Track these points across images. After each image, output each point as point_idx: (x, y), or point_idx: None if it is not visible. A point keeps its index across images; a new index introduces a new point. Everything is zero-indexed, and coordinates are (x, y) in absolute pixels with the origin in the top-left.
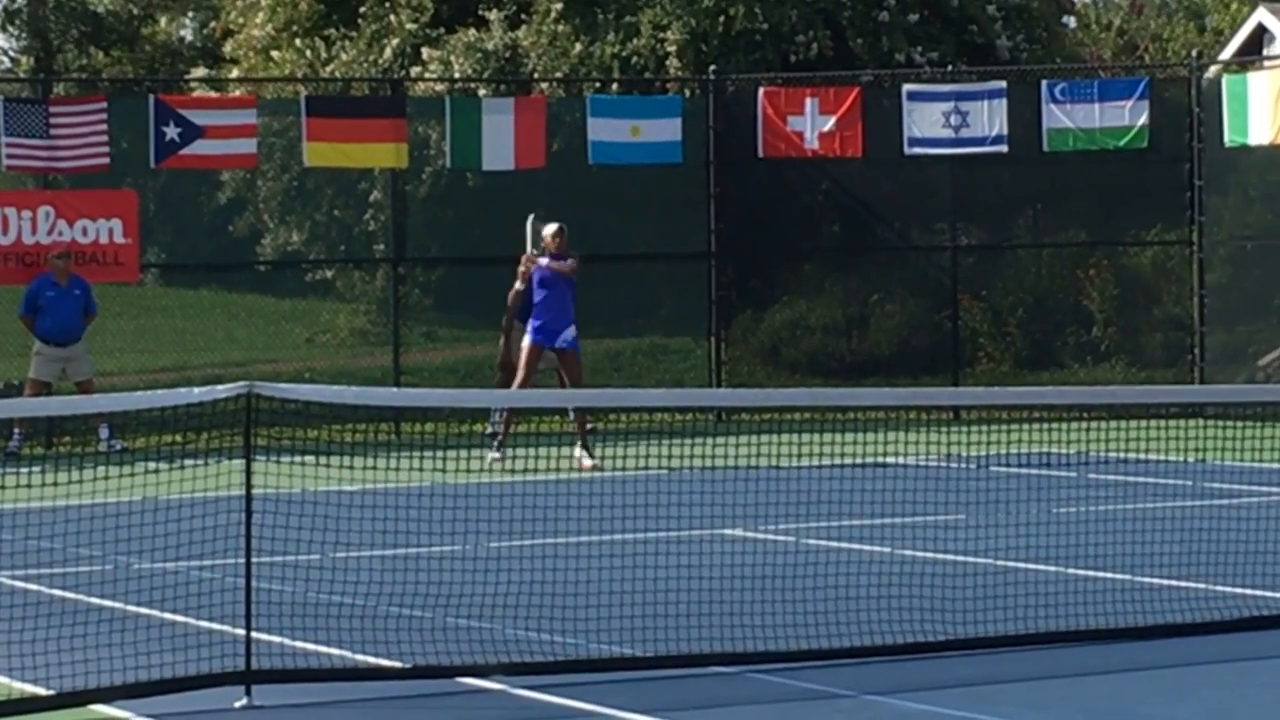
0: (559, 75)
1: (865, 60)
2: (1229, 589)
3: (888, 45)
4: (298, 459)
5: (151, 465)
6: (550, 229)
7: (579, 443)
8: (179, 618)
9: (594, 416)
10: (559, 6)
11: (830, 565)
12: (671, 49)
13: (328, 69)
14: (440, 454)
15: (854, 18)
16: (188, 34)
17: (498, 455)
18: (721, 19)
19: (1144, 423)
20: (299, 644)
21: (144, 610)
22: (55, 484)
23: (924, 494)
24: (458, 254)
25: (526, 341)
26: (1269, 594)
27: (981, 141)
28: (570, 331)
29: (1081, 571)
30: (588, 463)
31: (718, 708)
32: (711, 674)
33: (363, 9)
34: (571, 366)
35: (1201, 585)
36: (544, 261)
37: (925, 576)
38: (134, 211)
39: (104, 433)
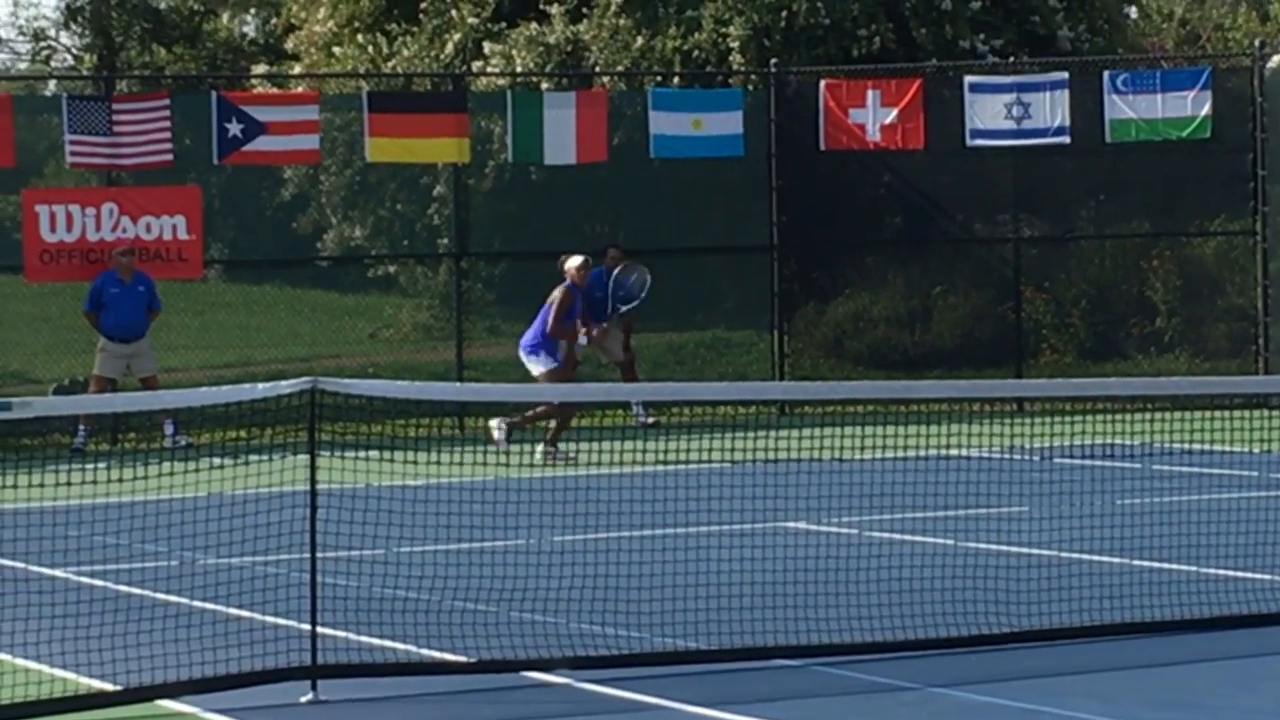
0: (620, 69)
1: (929, 51)
2: None
3: (950, 35)
4: (362, 454)
5: (216, 461)
6: (575, 261)
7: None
8: (245, 613)
9: (658, 410)
10: (620, 1)
11: (894, 558)
12: (734, 44)
13: (389, 64)
14: (503, 448)
15: (917, 7)
16: (250, 30)
17: (553, 450)
18: (784, 14)
19: (1208, 414)
20: (364, 639)
21: (210, 605)
22: (121, 480)
23: (987, 486)
24: (520, 248)
25: (539, 370)
26: None
27: (1044, 133)
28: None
29: (1146, 563)
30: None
31: (782, 700)
32: (776, 667)
33: (424, 4)
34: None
35: (1267, 576)
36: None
37: (989, 569)
38: (197, 208)
39: (169, 428)
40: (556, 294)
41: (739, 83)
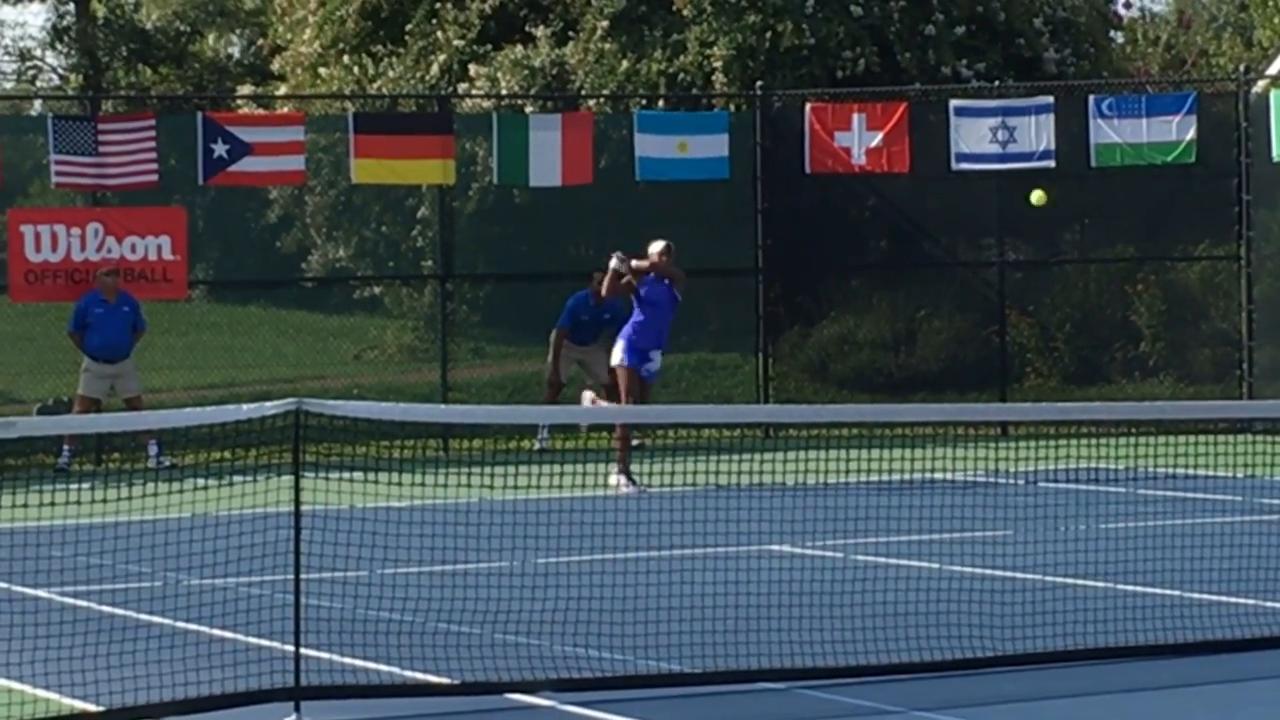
0: (606, 92)
1: (913, 74)
2: (1279, 605)
3: (935, 59)
4: (346, 475)
5: (200, 481)
6: (658, 246)
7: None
8: (228, 634)
9: (641, 433)
10: (605, 24)
11: (878, 581)
12: (718, 65)
13: (375, 86)
14: (488, 470)
15: (901, 31)
16: (235, 51)
17: (627, 484)
18: (768, 35)
19: (1193, 438)
20: (348, 660)
21: (193, 626)
22: (104, 500)
23: (972, 510)
24: (505, 270)
25: (619, 359)
26: None
27: (1029, 157)
28: (657, 363)
29: (1130, 587)
30: (624, 487)
31: None
32: (760, 690)
33: (410, 26)
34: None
35: (1251, 601)
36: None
37: (973, 592)
38: (182, 228)
39: (153, 449)
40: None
41: (723, 105)
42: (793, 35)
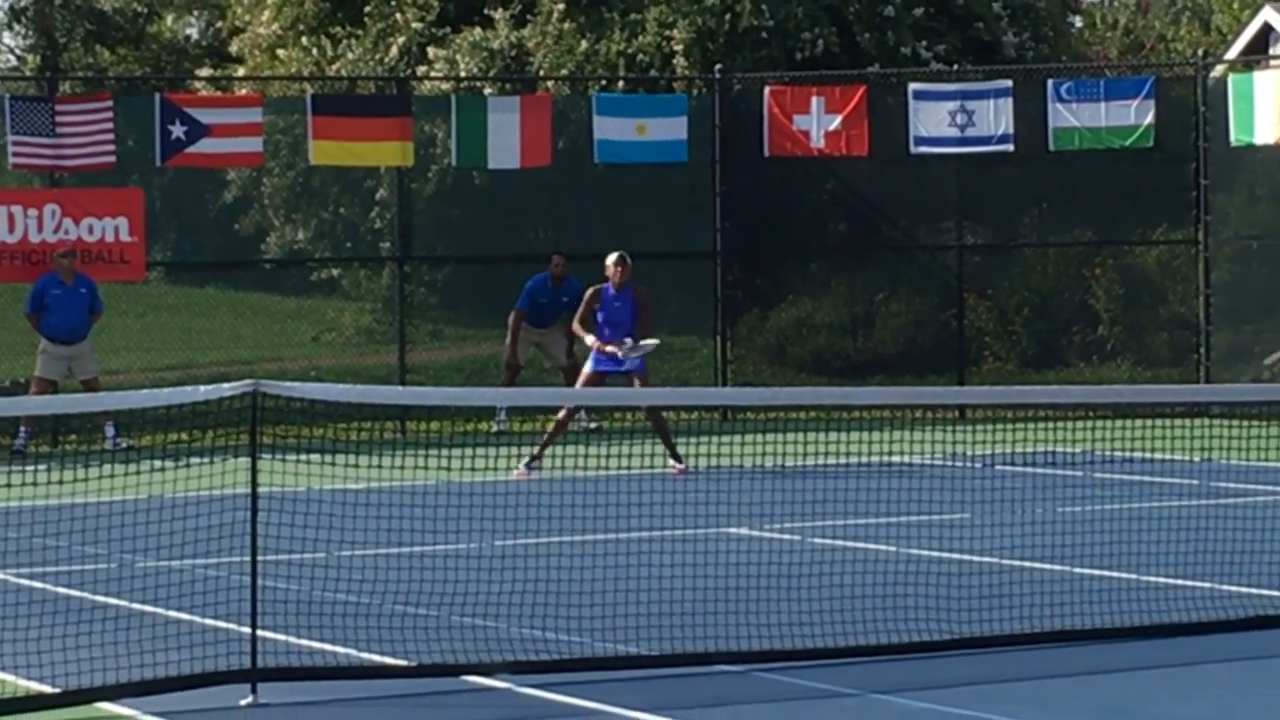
0: (564, 73)
1: (872, 56)
2: (1235, 588)
3: (894, 40)
4: (303, 457)
5: (157, 463)
6: (611, 259)
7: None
8: (185, 616)
9: (599, 415)
10: (563, 5)
11: (836, 564)
12: (678, 47)
13: (333, 67)
14: (446, 452)
15: (860, 12)
16: (194, 32)
17: (523, 473)
18: (728, 16)
19: (1150, 422)
20: (305, 642)
21: (150, 608)
22: (61, 482)
23: (929, 493)
24: (463, 252)
25: (588, 367)
26: (1275, 593)
27: (987, 140)
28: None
29: (1087, 570)
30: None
31: (724, 706)
32: (717, 672)
33: (368, 8)
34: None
35: (1208, 584)
36: (590, 340)
37: (931, 575)
38: (140, 210)
39: (109, 431)
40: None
41: (683, 87)
42: (751, 16)
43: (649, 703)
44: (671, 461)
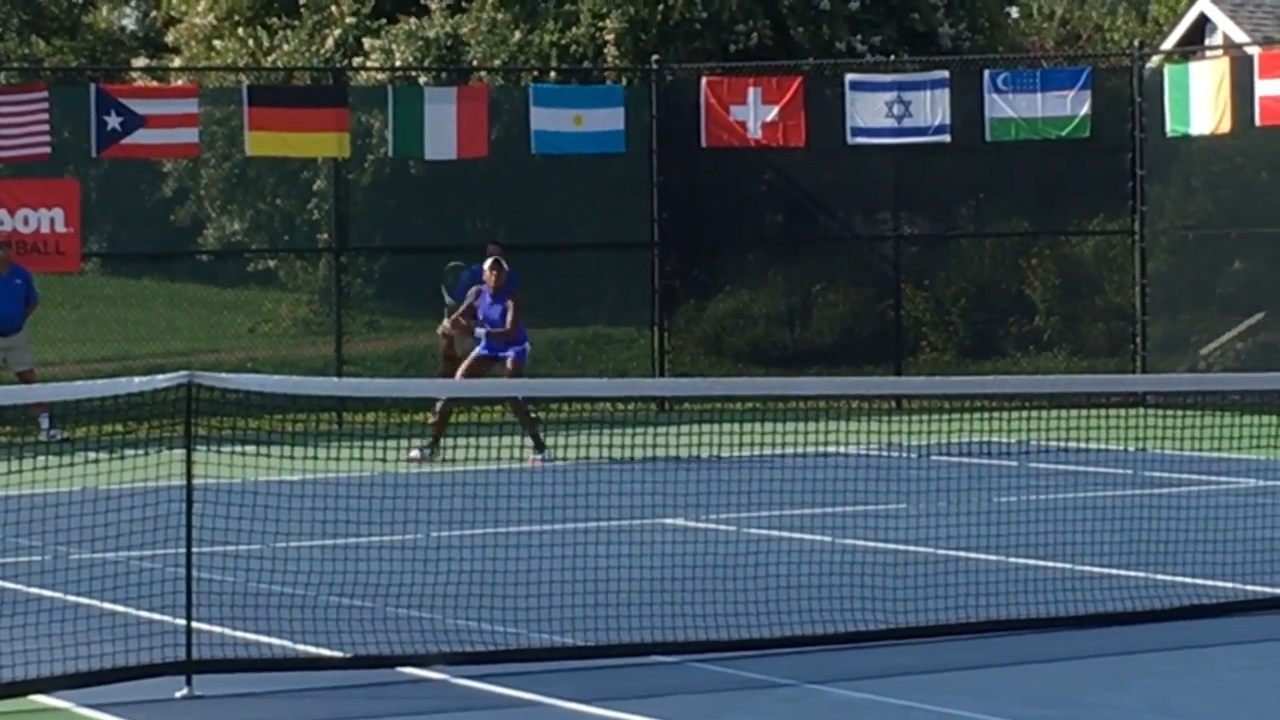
0: (498, 64)
1: (806, 49)
2: (1169, 577)
3: (829, 34)
4: (239, 449)
5: (92, 455)
6: (486, 264)
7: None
8: (119, 608)
9: (537, 406)
10: None
11: (771, 555)
12: (609, 37)
13: (270, 59)
14: (382, 444)
15: (795, 5)
16: (129, 23)
17: (417, 456)
18: (660, 7)
19: (1086, 412)
20: (240, 634)
21: (84, 600)
22: None
23: (865, 483)
24: (400, 243)
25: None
26: (1208, 582)
27: (924, 131)
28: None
29: (1022, 560)
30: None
31: (659, 697)
32: (653, 663)
33: None
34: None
35: (1141, 574)
36: (480, 333)
37: (866, 566)
38: (75, 201)
39: (44, 422)
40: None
41: (616, 78)
42: (684, 8)
43: (585, 694)
44: (532, 454)
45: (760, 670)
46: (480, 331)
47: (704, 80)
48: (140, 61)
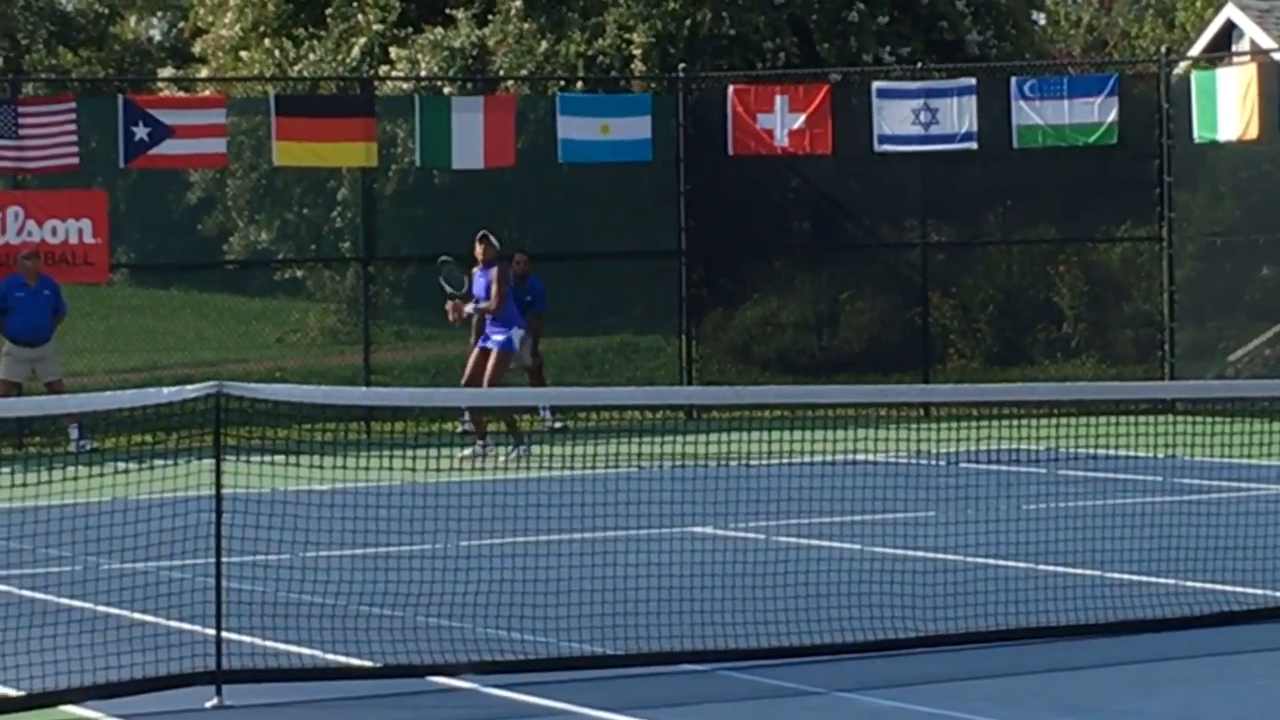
0: (524, 73)
1: (833, 64)
2: (1199, 584)
3: (856, 47)
4: (268, 459)
5: (121, 465)
6: (477, 239)
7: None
8: (149, 618)
9: (565, 414)
10: (519, 4)
11: (800, 562)
12: (636, 51)
13: (296, 68)
14: (410, 453)
15: (822, 20)
16: (156, 34)
17: (469, 454)
18: (688, 22)
19: (1114, 419)
20: (269, 644)
21: (114, 610)
22: (25, 484)
23: (894, 491)
24: (427, 252)
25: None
26: (1239, 589)
27: (951, 138)
28: (503, 335)
29: (1051, 568)
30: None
31: (689, 705)
32: (682, 671)
33: (330, 9)
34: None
35: (1171, 581)
36: (469, 309)
37: (895, 573)
38: (103, 211)
39: (74, 433)
40: (451, 316)
41: (642, 88)
42: (712, 24)
43: (615, 702)
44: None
45: (790, 678)
46: (469, 308)
47: (731, 89)
48: (167, 72)
